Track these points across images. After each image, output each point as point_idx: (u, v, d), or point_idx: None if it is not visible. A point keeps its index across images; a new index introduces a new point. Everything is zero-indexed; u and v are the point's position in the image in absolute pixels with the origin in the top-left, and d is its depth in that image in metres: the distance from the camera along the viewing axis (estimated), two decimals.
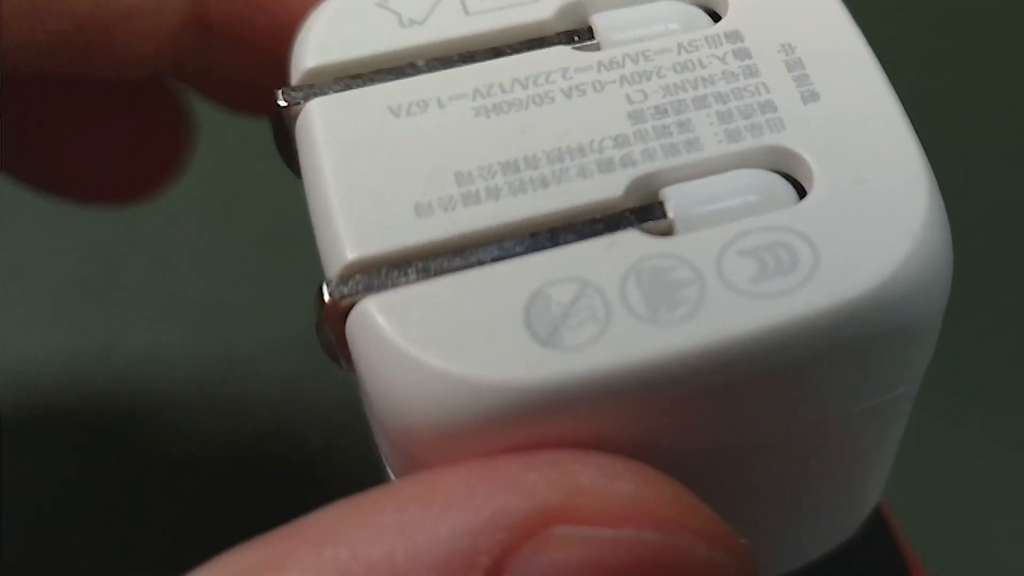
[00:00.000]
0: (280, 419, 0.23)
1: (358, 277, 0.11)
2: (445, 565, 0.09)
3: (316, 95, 0.12)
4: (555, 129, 0.12)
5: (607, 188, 0.11)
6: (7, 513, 0.21)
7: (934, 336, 0.12)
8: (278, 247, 0.24)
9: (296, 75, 0.12)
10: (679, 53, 0.12)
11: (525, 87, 0.12)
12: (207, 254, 0.25)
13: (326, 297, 0.11)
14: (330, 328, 0.11)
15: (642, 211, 0.11)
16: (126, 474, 0.22)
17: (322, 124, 0.12)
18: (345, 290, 0.11)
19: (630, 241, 0.11)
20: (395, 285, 0.11)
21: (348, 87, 0.12)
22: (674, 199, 0.11)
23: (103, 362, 0.24)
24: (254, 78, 0.14)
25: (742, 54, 0.12)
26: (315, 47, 0.12)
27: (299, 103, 0.12)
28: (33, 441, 0.23)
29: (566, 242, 0.11)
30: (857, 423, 0.12)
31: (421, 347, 0.10)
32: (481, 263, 0.11)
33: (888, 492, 0.15)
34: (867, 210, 0.11)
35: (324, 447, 0.23)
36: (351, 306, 0.11)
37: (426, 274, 0.11)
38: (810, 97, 0.12)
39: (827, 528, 0.14)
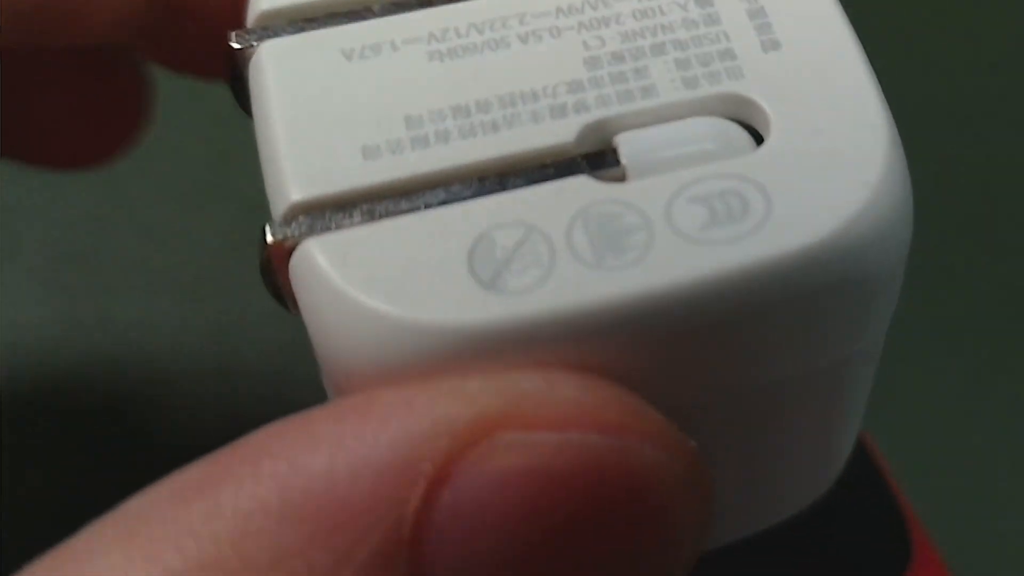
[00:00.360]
0: (277, 388, 0.23)
1: (301, 219, 0.11)
2: (387, 473, 0.09)
3: (269, 37, 0.12)
4: (509, 75, 0.11)
5: (559, 133, 0.11)
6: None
7: (894, 291, 0.12)
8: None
9: (251, 18, 0.12)
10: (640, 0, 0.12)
11: (481, 32, 0.12)
12: (198, 224, 0.25)
13: (269, 238, 0.11)
14: (274, 269, 0.11)
15: (594, 157, 0.11)
16: (122, 445, 0.22)
17: (273, 66, 0.11)
18: (288, 231, 0.11)
19: (579, 186, 0.11)
20: (339, 227, 0.10)
21: (301, 30, 0.12)
22: (627, 145, 0.11)
23: (96, 333, 0.24)
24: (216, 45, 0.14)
25: (704, 2, 0.12)
26: None
27: (252, 45, 0.12)
28: (27, 420, 0.23)
29: (514, 187, 0.11)
30: (821, 378, 0.12)
31: (362, 288, 0.10)
32: (427, 206, 0.11)
33: (869, 424, 0.15)
34: (823, 160, 0.11)
35: None
36: (294, 247, 0.11)
37: (371, 216, 0.11)
38: (771, 46, 0.12)
39: (799, 486, 0.14)
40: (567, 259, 0.10)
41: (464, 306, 0.10)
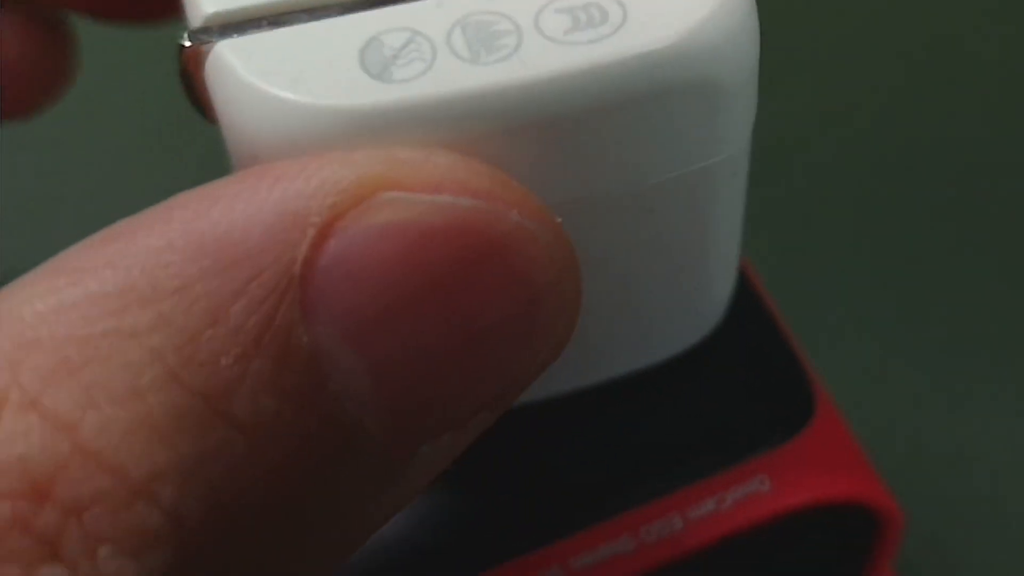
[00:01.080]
0: None
1: (214, 29, 0.12)
2: (279, 222, 0.10)
3: None
4: None
5: None
6: None
7: (746, 103, 0.13)
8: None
9: None
10: None
11: None
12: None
13: (185, 43, 0.12)
14: (191, 74, 0.12)
15: None
16: None
17: None
18: (203, 37, 0.12)
19: (460, 1, 0.12)
20: (246, 32, 0.12)
21: None
22: None
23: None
24: None
25: None
26: None
27: None
28: None
29: (403, 2, 0.12)
30: (686, 188, 0.13)
31: (266, 79, 0.12)
32: (326, 17, 0.12)
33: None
34: None
35: None
36: (208, 52, 0.12)
37: (275, 25, 0.12)
38: None
39: (680, 313, 0.16)
40: (446, 56, 0.12)
41: (355, 92, 0.11)
